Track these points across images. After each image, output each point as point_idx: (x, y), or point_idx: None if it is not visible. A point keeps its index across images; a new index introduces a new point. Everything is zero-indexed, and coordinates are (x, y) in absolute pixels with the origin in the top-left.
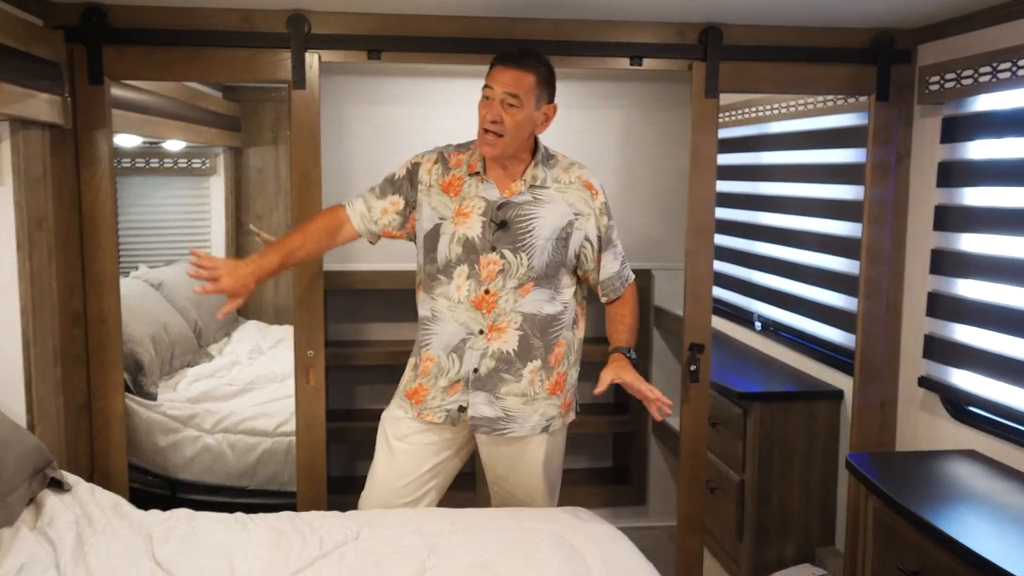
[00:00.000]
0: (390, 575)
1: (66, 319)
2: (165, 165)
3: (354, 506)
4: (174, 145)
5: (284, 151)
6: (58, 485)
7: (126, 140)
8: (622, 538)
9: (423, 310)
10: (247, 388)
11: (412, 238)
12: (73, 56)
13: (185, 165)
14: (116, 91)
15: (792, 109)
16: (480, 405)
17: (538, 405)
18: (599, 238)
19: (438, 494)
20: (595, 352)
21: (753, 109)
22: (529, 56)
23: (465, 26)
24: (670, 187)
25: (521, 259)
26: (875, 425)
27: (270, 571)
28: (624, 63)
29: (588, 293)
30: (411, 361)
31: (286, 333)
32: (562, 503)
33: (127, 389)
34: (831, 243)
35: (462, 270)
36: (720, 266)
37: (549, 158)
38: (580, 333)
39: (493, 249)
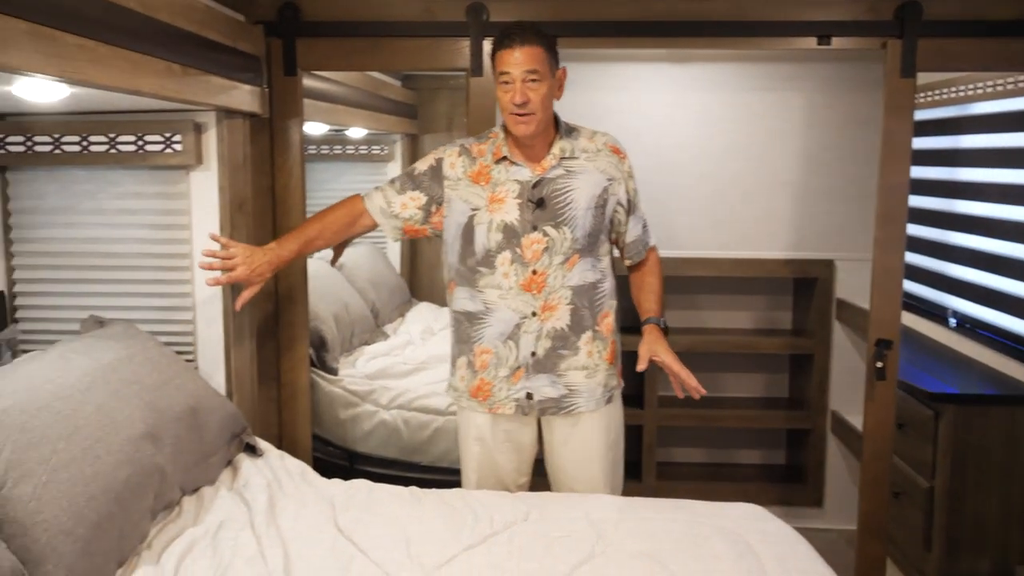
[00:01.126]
0: (559, 558)
1: (260, 296)
2: (347, 152)
3: (533, 487)
4: (356, 132)
5: (458, 138)
6: (252, 450)
7: (314, 128)
8: (799, 539)
9: (472, 305)
10: (420, 367)
11: (438, 234)
12: (270, 49)
13: (365, 152)
14: (307, 81)
15: (999, 88)
16: (543, 388)
17: (600, 376)
18: (629, 202)
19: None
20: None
21: (953, 89)
22: (528, 30)
23: (643, 9)
24: (855, 173)
25: (564, 233)
26: None
27: (443, 545)
28: (811, 42)
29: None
30: (459, 361)
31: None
32: (733, 498)
33: (312, 363)
34: None
35: (504, 256)
36: (909, 257)
37: (571, 130)
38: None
39: (534, 228)
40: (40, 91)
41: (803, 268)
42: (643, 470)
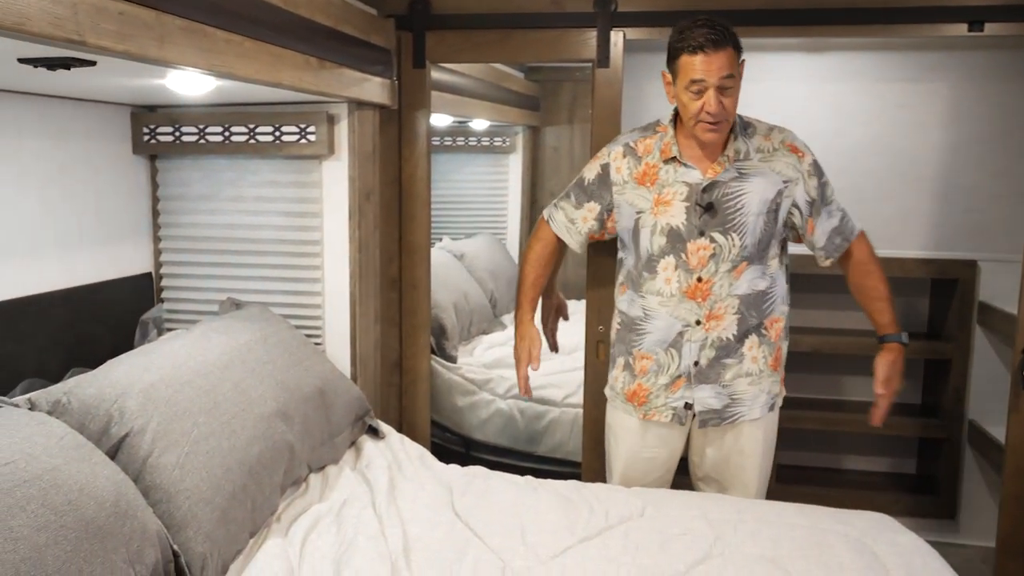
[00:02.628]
0: (675, 556)
1: (384, 283)
2: (470, 143)
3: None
4: (479, 124)
5: (579, 130)
6: (374, 432)
7: (438, 119)
8: (931, 553)
9: (632, 310)
10: None
11: (613, 237)
12: (400, 42)
13: (487, 143)
14: (433, 73)
15: None
16: (707, 399)
17: (764, 383)
18: (809, 202)
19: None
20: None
21: None
22: (718, 29)
23: None
24: (1004, 169)
25: (732, 240)
26: None
27: (558, 536)
28: (961, 29)
29: (789, 261)
30: (619, 361)
31: (573, 308)
32: (858, 507)
33: (431, 351)
34: None
35: (667, 262)
36: None
37: (746, 127)
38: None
39: (701, 234)
40: (190, 84)
41: (942, 269)
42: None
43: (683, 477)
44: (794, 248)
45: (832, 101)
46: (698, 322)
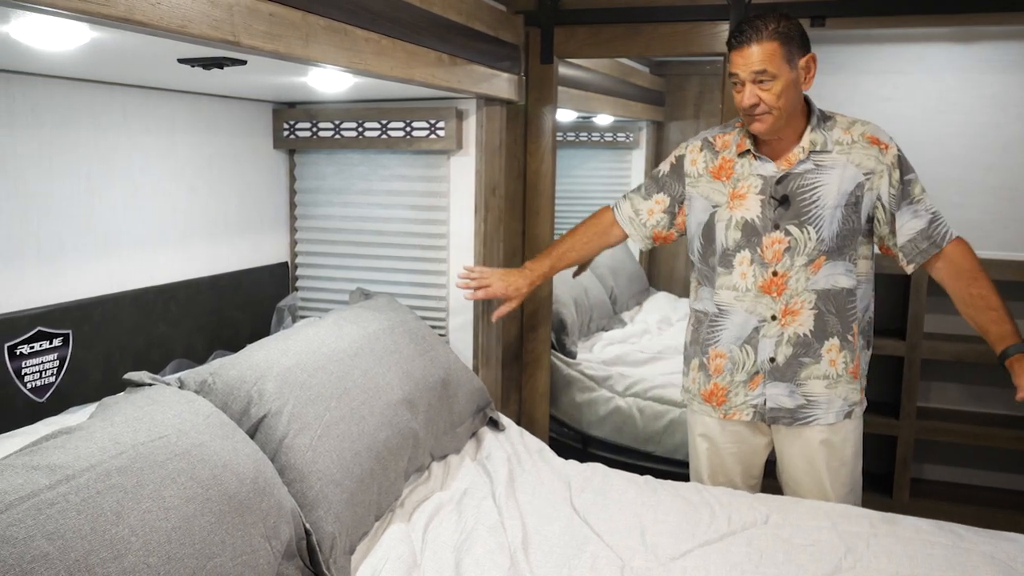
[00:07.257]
0: (802, 568)
1: None
2: (593, 138)
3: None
4: (603, 120)
5: (705, 125)
6: (494, 424)
7: (563, 115)
8: None
9: (706, 306)
10: (656, 357)
11: (682, 235)
12: (528, 38)
13: (611, 139)
14: (559, 69)
15: None
16: (779, 396)
17: (841, 388)
18: (892, 196)
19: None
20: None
21: None
22: (762, 25)
23: None
24: None
25: (808, 233)
26: None
27: (679, 538)
28: None
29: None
30: (693, 362)
31: (685, 310)
32: (1004, 528)
33: (551, 346)
34: None
35: (743, 256)
36: None
37: (826, 119)
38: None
39: (776, 227)
40: (329, 81)
41: None
42: (895, 485)
43: (772, 480)
44: None
45: (987, 93)
46: (774, 317)
